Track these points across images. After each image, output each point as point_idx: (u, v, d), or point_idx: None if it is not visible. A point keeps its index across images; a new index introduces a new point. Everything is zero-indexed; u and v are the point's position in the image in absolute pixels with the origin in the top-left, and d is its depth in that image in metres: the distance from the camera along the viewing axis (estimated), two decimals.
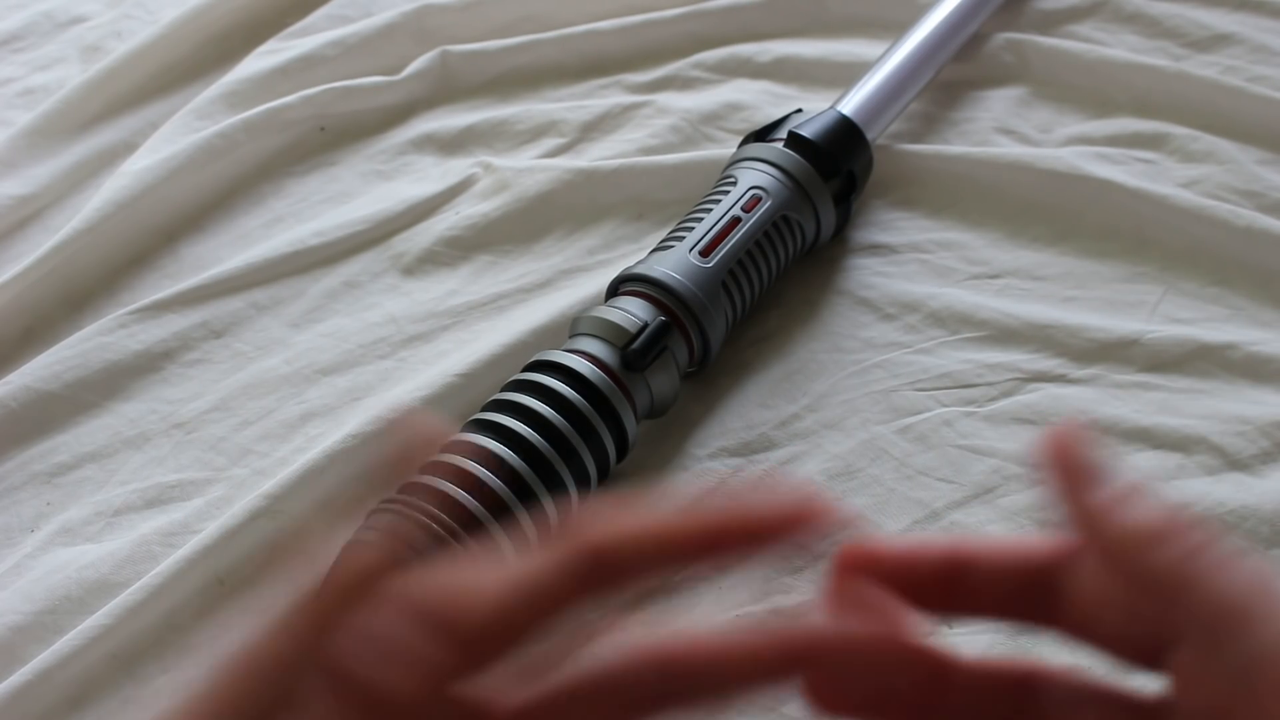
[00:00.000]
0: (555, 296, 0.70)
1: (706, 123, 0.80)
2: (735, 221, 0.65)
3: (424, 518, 0.52)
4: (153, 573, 0.56)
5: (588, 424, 0.56)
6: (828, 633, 0.30)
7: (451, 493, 0.53)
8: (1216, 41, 0.82)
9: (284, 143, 0.80)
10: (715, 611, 0.55)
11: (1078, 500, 0.30)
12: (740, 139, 0.73)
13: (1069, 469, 0.30)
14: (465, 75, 0.85)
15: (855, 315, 0.68)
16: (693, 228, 0.65)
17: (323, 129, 0.82)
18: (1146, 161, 0.75)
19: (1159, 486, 0.31)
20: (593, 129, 0.81)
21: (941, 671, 0.31)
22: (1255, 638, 0.27)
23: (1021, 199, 0.73)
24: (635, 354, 0.59)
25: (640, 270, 0.63)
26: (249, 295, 0.71)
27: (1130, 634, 0.30)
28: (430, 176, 0.78)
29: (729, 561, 0.30)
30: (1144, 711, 0.30)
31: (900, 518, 0.59)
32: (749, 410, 0.64)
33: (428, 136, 0.81)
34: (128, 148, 0.81)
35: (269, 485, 0.59)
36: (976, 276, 0.70)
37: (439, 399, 0.63)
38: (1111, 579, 0.30)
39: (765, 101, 0.81)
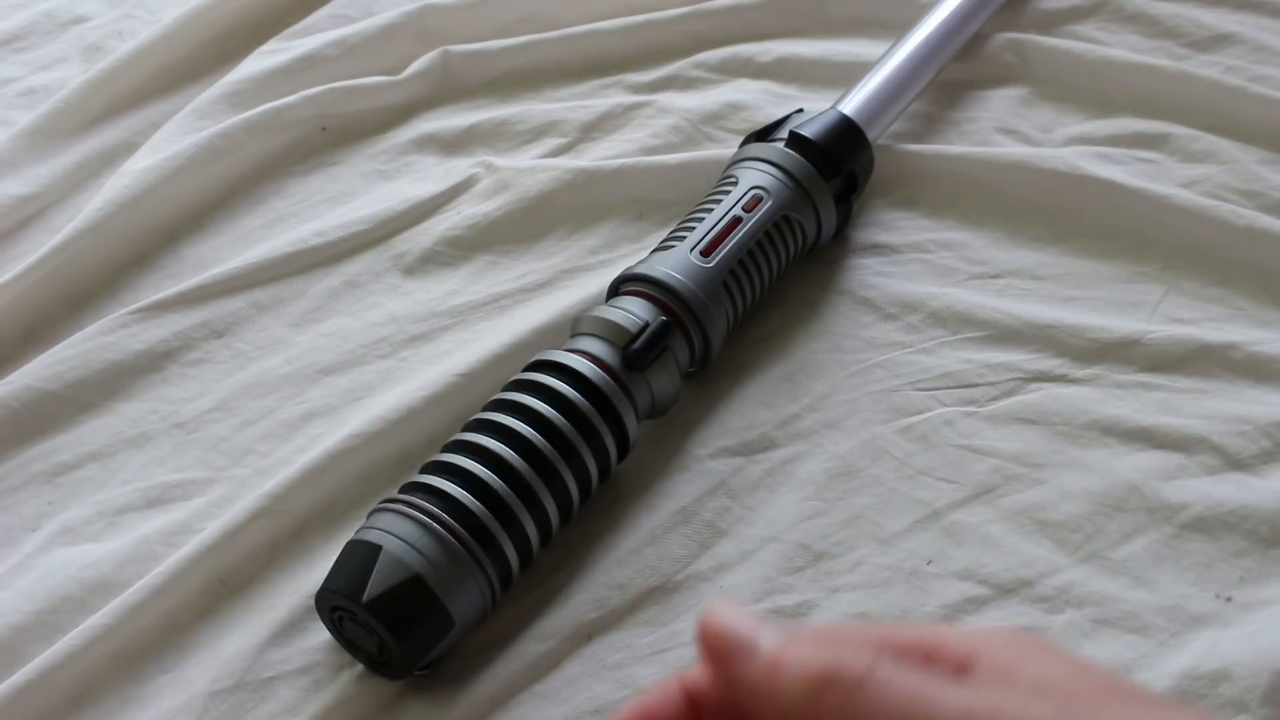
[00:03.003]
0: (556, 296, 0.70)
1: (708, 123, 0.80)
2: (736, 221, 0.65)
3: (425, 517, 0.52)
4: (154, 572, 0.56)
5: (588, 424, 0.56)
6: None
7: (452, 493, 0.53)
8: (1217, 41, 0.82)
9: (285, 142, 0.81)
10: None
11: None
12: (741, 139, 0.73)
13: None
14: (467, 75, 0.85)
15: (856, 315, 0.68)
16: (694, 227, 0.65)
17: (324, 129, 0.82)
18: (1147, 161, 0.75)
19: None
20: (594, 129, 0.81)
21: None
22: None
23: (1022, 199, 0.73)
24: (636, 354, 0.59)
25: (641, 270, 0.63)
26: (250, 295, 0.71)
27: None
28: (432, 176, 0.78)
29: None
30: None
31: (901, 517, 0.59)
32: (750, 410, 0.64)
33: (429, 136, 0.81)
34: (129, 147, 0.81)
35: (270, 485, 0.59)
36: (977, 276, 0.70)
37: (440, 399, 0.63)
38: None
39: (766, 101, 0.81)
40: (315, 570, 0.57)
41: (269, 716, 0.53)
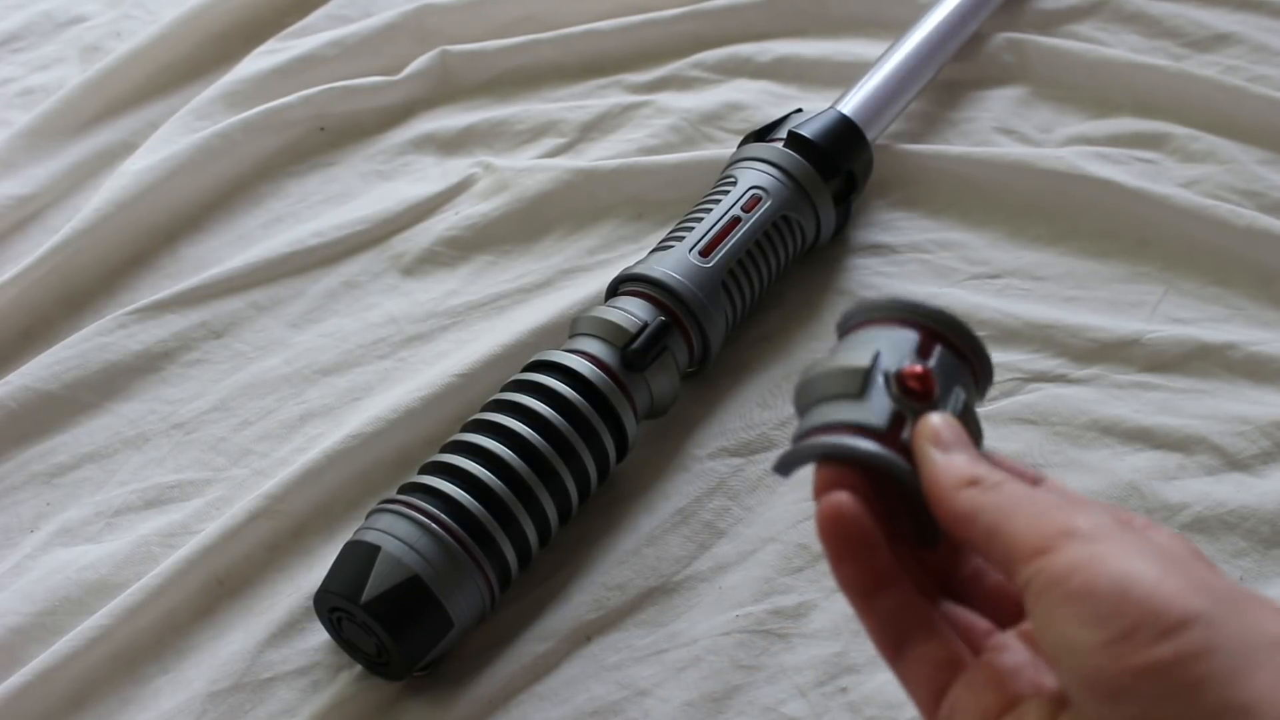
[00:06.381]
0: (555, 297, 0.70)
1: (706, 122, 0.80)
2: (735, 221, 0.65)
3: (424, 518, 0.52)
4: (152, 573, 0.56)
5: (587, 424, 0.56)
6: None
7: (451, 493, 0.53)
8: (1217, 41, 0.82)
9: (283, 143, 0.80)
10: (715, 611, 0.55)
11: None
12: (740, 139, 0.73)
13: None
14: (465, 75, 0.85)
15: None
16: (693, 228, 0.65)
17: (322, 129, 0.81)
18: (1147, 161, 0.75)
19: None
20: (592, 129, 0.81)
21: None
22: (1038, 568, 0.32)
23: (1022, 199, 0.73)
24: (635, 354, 0.59)
25: (640, 270, 0.63)
26: (249, 295, 0.71)
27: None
28: (430, 176, 0.78)
29: None
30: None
31: None
32: (749, 410, 0.64)
33: (427, 136, 0.81)
34: (127, 148, 0.81)
35: (268, 485, 0.59)
36: (977, 277, 0.70)
37: (439, 399, 0.63)
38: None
39: (765, 101, 0.81)
40: (314, 571, 0.57)
41: (268, 717, 0.53)
